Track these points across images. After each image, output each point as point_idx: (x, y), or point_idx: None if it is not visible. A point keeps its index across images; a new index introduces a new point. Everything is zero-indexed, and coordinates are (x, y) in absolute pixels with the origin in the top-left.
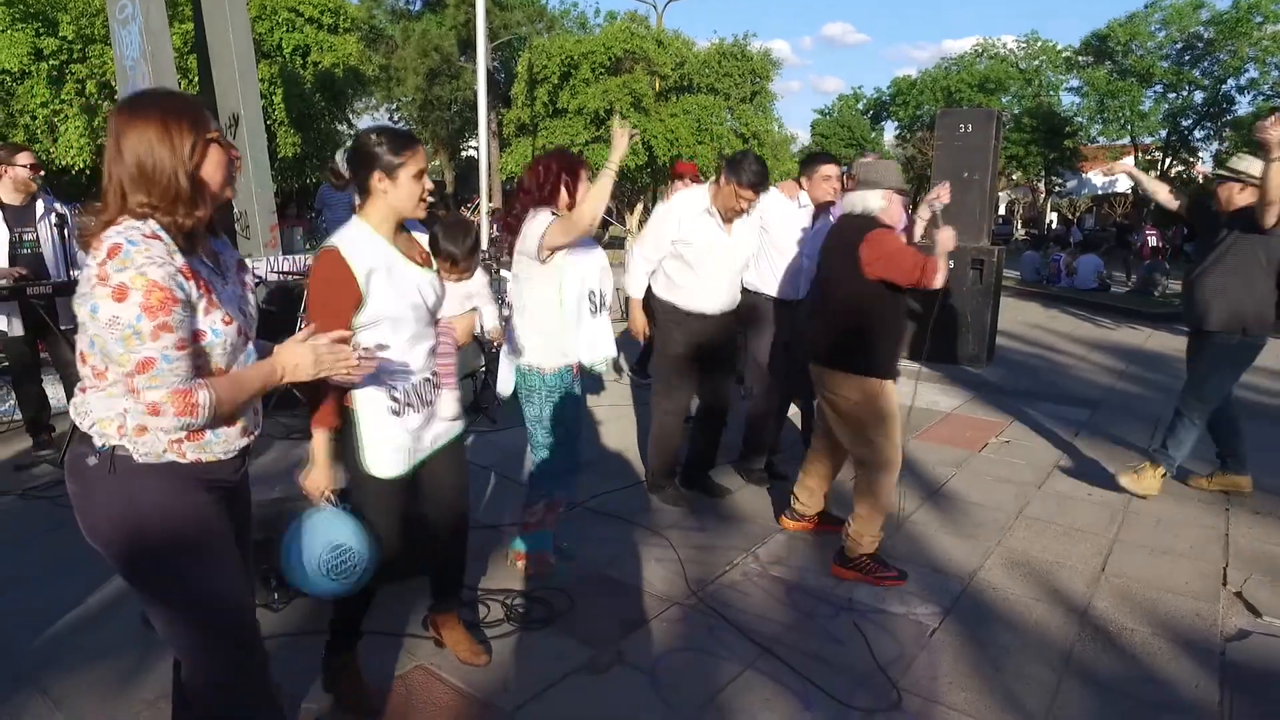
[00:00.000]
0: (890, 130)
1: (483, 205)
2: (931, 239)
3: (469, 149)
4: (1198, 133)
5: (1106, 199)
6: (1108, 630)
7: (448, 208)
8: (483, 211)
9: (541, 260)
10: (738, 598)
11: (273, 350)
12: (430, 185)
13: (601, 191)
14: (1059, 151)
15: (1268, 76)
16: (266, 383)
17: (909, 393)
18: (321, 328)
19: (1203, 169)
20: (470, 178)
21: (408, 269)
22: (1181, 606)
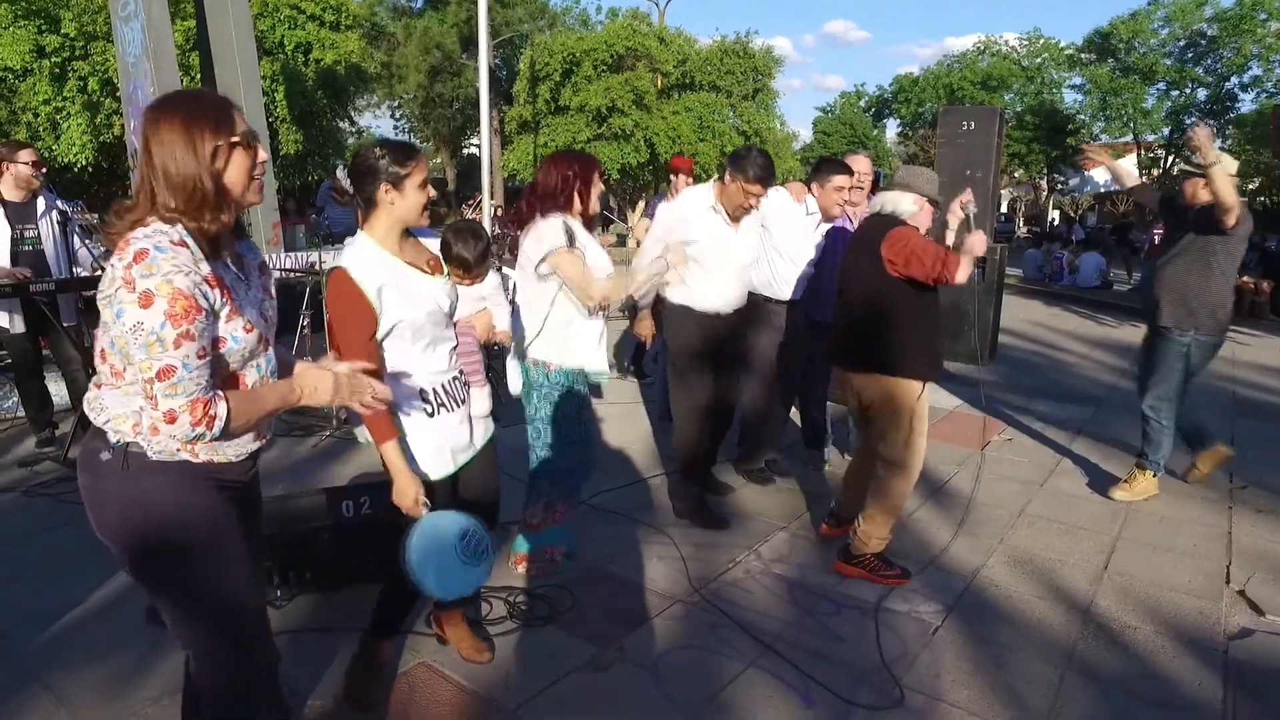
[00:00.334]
0: (892, 128)
1: (484, 203)
2: (961, 242)
3: (471, 146)
4: None
5: (1109, 197)
6: (1110, 628)
7: (449, 206)
8: (485, 209)
9: (539, 276)
10: (740, 595)
11: (292, 362)
12: (433, 193)
13: (611, 290)
14: (1061, 149)
15: (1271, 73)
16: (284, 402)
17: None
18: (344, 345)
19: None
20: (472, 175)
21: (417, 278)
22: (1184, 605)
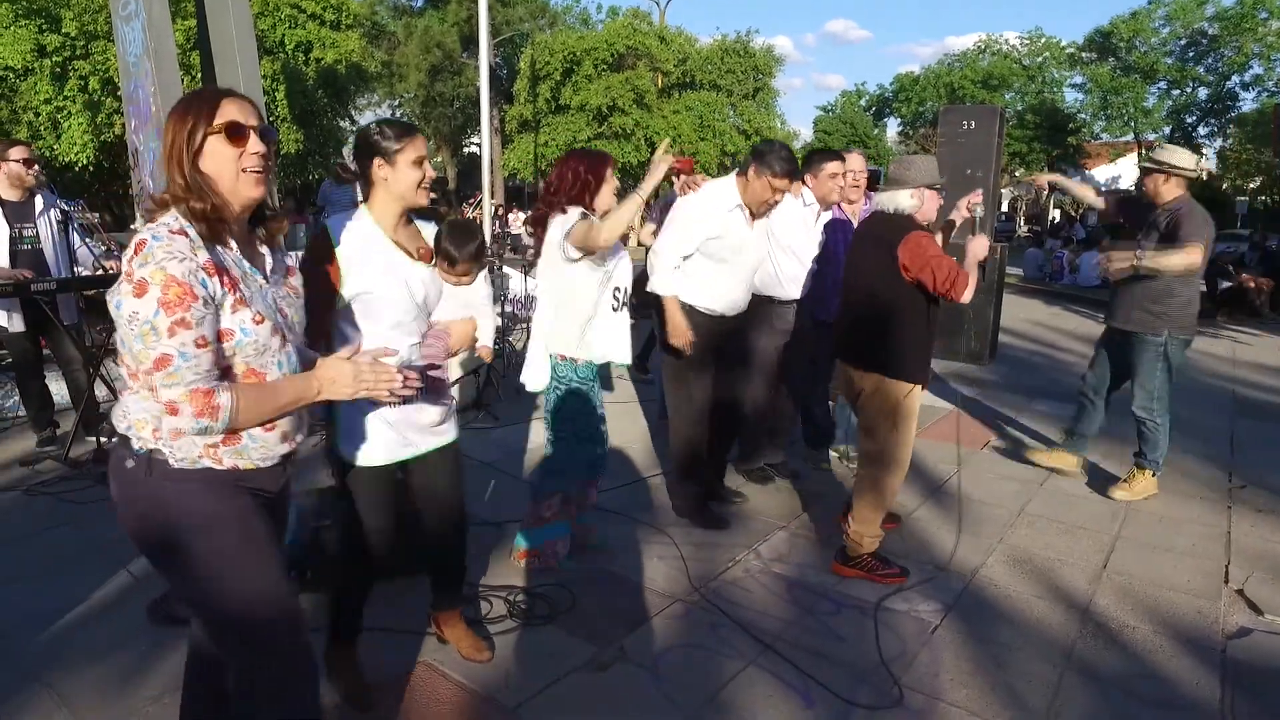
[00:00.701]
0: (893, 127)
1: (485, 202)
2: (964, 246)
3: (471, 145)
4: (1202, 129)
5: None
6: (1109, 628)
7: (450, 204)
8: (485, 208)
9: (570, 260)
10: (740, 594)
11: (316, 363)
12: (432, 173)
13: (624, 216)
14: (1062, 148)
15: (1272, 72)
16: (300, 396)
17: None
18: (309, 298)
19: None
20: (473, 174)
21: (399, 257)
22: (1183, 604)
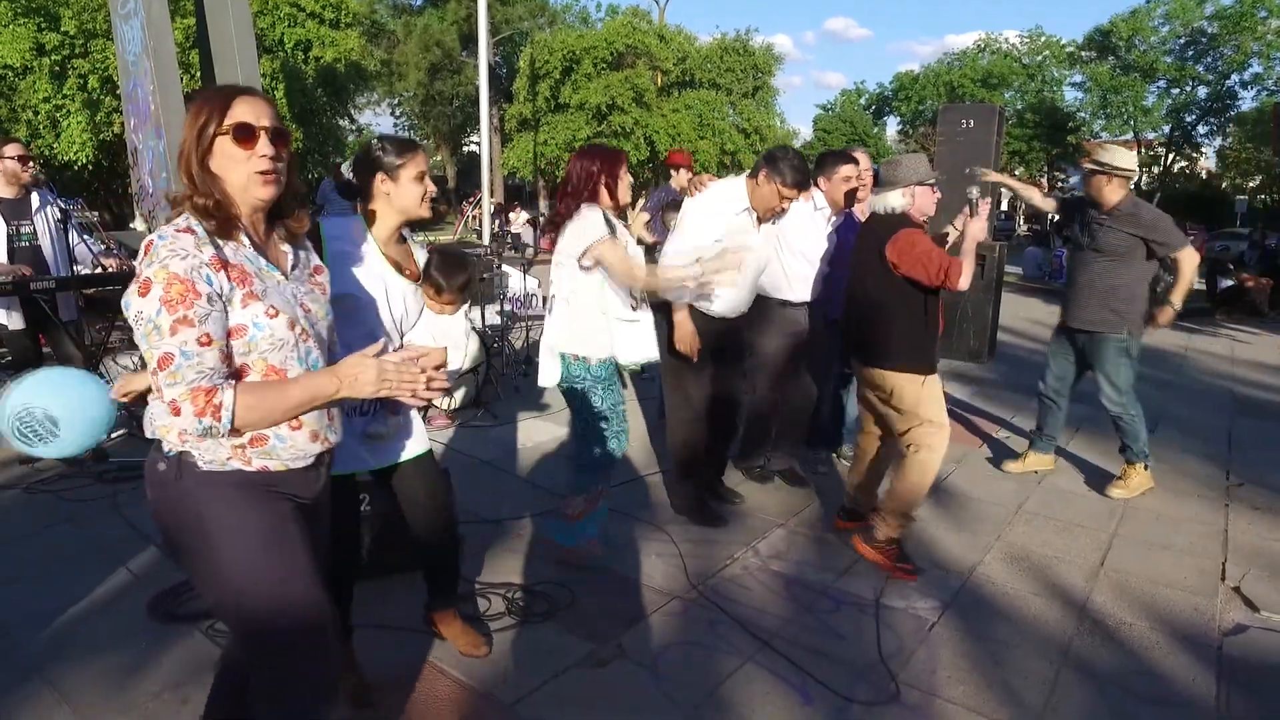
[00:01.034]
0: (893, 125)
1: (484, 201)
2: (963, 229)
3: (471, 144)
4: (1201, 128)
5: None
6: (1106, 625)
7: (449, 203)
8: (484, 206)
9: (584, 268)
10: (738, 592)
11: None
12: (433, 189)
13: (648, 281)
14: (1062, 147)
15: (1271, 71)
16: (318, 393)
17: None
18: None
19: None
20: (472, 173)
21: (385, 268)
22: (1180, 601)
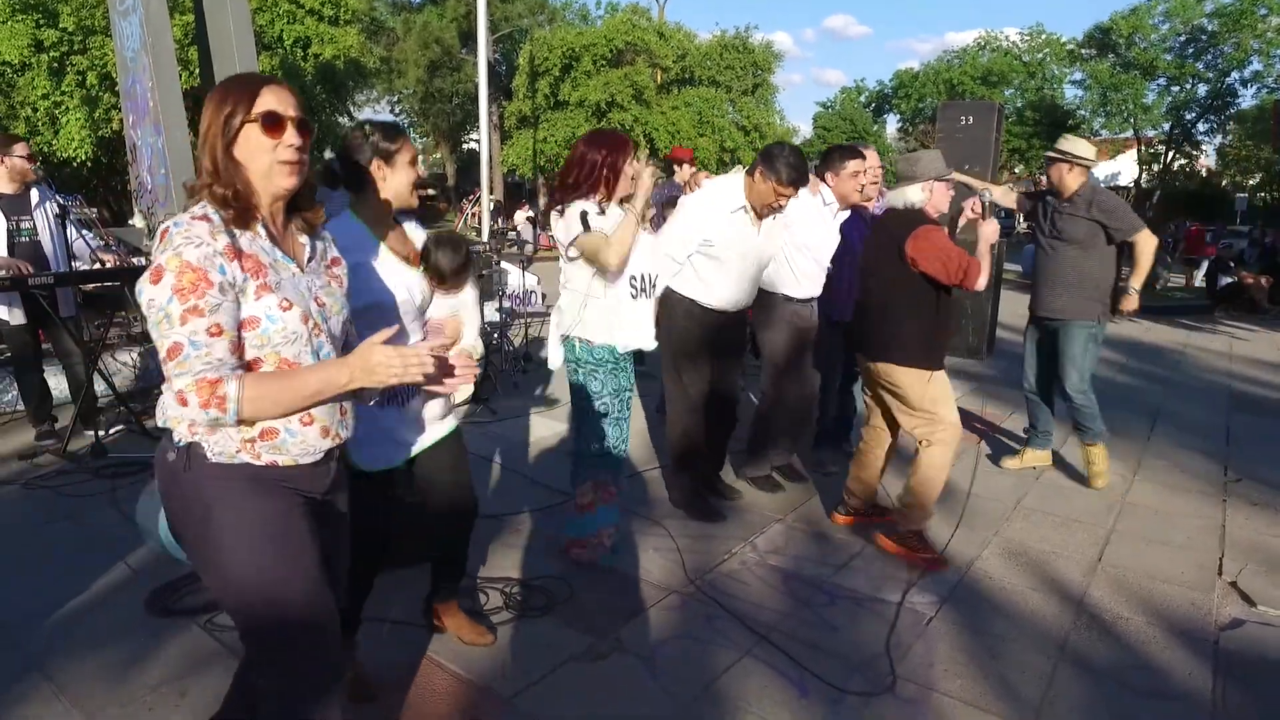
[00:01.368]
0: (892, 123)
1: (483, 198)
2: (975, 232)
3: (470, 141)
4: (1201, 126)
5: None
6: (1103, 619)
7: (449, 200)
8: (484, 204)
9: (570, 259)
10: (736, 586)
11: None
12: (422, 172)
13: (625, 238)
14: None
15: (1272, 68)
16: (327, 385)
17: None
18: None
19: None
20: (471, 170)
21: (393, 263)
22: (1177, 596)
